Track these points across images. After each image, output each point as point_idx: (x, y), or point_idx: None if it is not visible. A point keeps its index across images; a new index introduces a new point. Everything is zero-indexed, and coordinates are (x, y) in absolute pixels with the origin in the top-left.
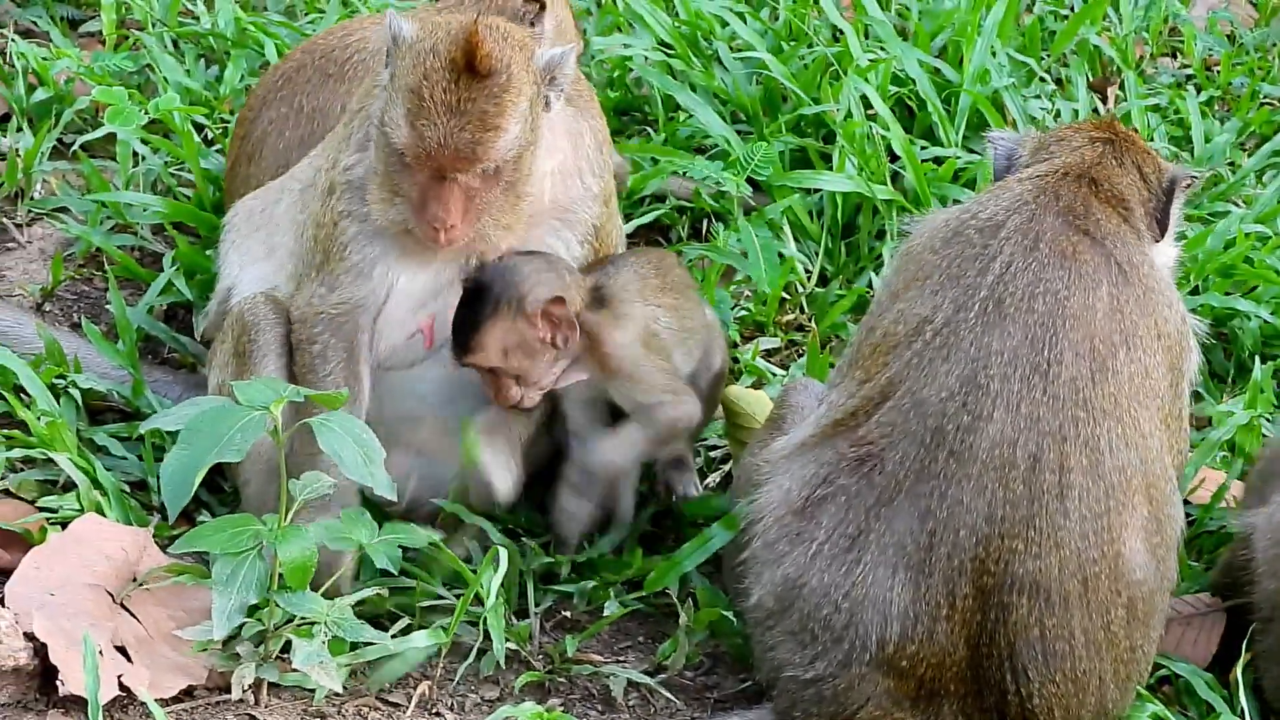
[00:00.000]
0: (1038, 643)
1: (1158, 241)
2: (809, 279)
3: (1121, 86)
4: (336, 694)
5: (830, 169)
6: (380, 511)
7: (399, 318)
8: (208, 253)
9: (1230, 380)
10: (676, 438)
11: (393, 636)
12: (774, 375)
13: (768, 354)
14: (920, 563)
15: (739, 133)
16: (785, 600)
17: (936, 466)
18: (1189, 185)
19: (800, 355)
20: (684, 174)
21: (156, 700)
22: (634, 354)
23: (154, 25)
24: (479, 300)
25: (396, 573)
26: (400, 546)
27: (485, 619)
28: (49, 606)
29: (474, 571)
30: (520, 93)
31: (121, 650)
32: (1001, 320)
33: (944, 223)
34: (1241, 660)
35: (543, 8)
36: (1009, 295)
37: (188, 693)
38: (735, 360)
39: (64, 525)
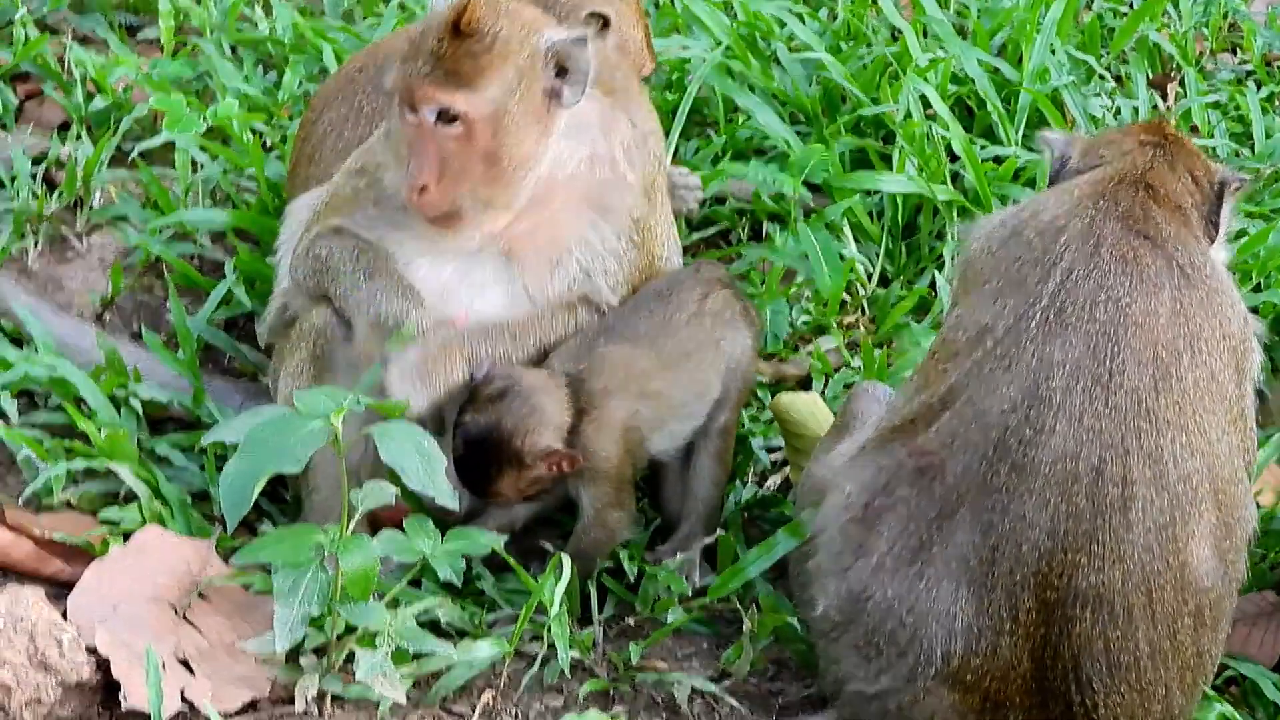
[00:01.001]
0: (1102, 655)
1: (1211, 243)
2: (870, 280)
3: (1181, 83)
4: (400, 704)
5: (890, 169)
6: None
7: (430, 296)
8: (268, 260)
9: None
10: (599, 546)
11: (456, 646)
12: (835, 375)
13: (830, 354)
14: (983, 577)
15: (798, 134)
16: (850, 613)
17: (999, 480)
18: (1238, 187)
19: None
20: (742, 177)
21: (220, 713)
22: (609, 458)
23: (212, 31)
24: (480, 452)
25: (460, 584)
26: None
27: (549, 627)
28: (111, 620)
29: (536, 579)
30: (503, 59)
31: (184, 663)
32: (1063, 330)
33: (1000, 223)
34: None
35: (605, 24)
36: (1070, 304)
37: (251, 705)
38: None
39: (126, 537)
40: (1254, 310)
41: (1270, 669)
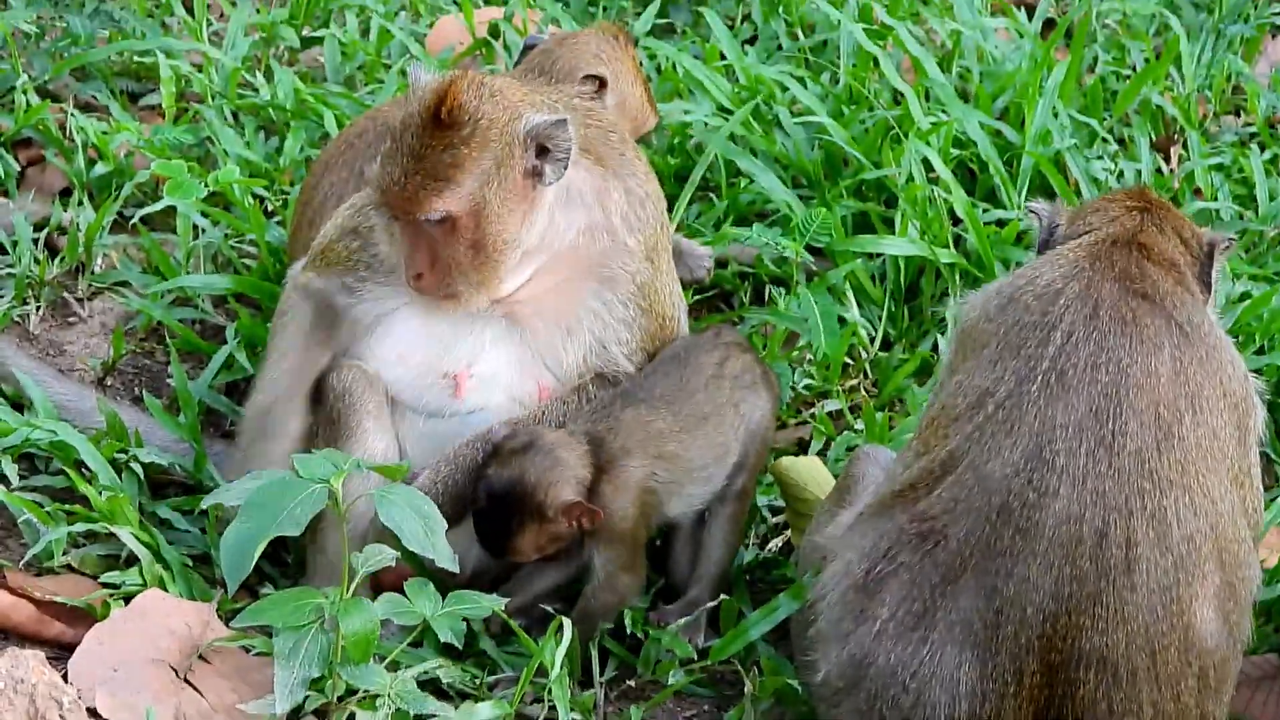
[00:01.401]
0: (1106, 718)
1: (1206, 303)
2: (872, 343)
3: (1185, 145)
4: None
5: (892, 232)
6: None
7: (420, 358)
8: (269, 325)
9: None
10: (608, 610)
11: (457, 709)
12: (837, 439)
13: (832, 416)
14: (987, 641)
15: (801, 197)
16: (852, 679)
17: (1003, 544)
18: (1226, 248)
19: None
20: (744, 241)
21: None
22: (625, 519)
23: (213, 98)
24: (503, 506)
25: (461, 646)
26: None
27: (550, 689)
28: (112, 682)
29: (537, 642)
30: (484, 149)
31: None
32: (1065, 392)
33: (997, 291)
34: None
35: (602, 85)
36: (1071, 366)
37: None
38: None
39: (127, 600)
40: (1257, 373)
41: None
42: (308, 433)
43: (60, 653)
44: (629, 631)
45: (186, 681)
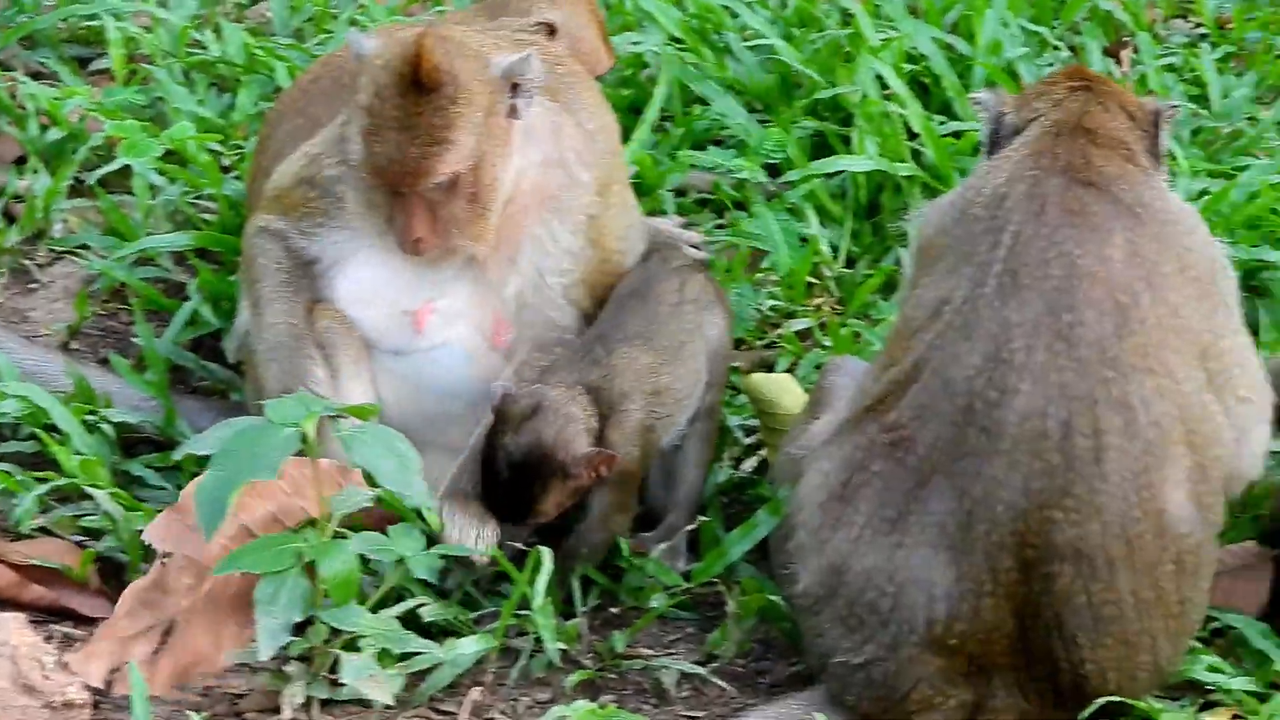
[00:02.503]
0: (1085, 610)
1: (1156, 172)
2: (836, 261)
3: (1135, 49)
4: (389, 707)
5: (850, 151)
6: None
7: (380, 297)
8: (231, 278)
9: (1265, 332)
10: (599, 549)
11: (441, 645)
12: (806, 356)
13: (800, 335)
14: (961, 541)
15: (757, 121)
16: (831, 586)
17: (969, 445)
18: (1171, 115)
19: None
20: (701, 167)
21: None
22: (631, 461)
23: (163, 58)
24: (524, 476)
25: (439, 583)
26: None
27: (533, 621)
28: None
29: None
30: (471, 103)
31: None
32: (1019, 291)
33: (949, 204)
34: None
35: (553, 32)
36: (1023, 265)
37: (238, 715)
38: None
39: (102, 560)
40: None
41: (1256, 618)
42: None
43: (40, 615)
44: (618, 561)
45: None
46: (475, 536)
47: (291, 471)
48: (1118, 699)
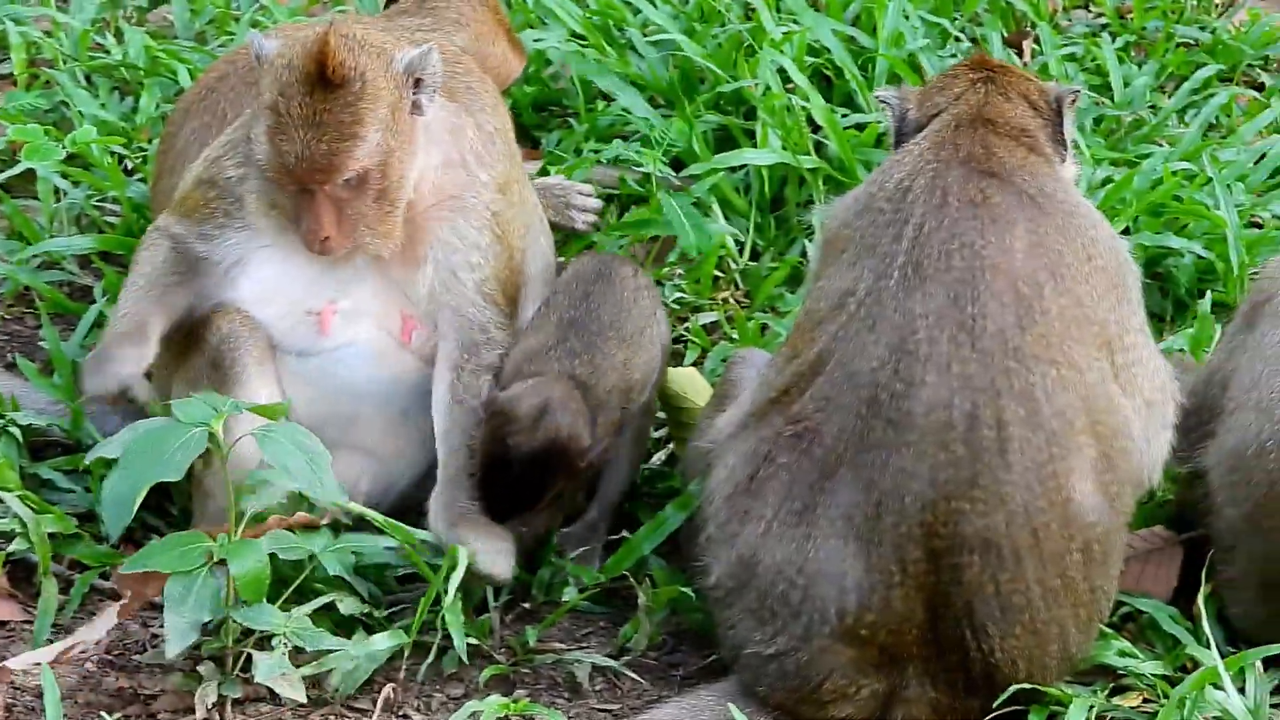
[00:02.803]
0: (993, 599)
1: (1063, 162)
2: (741, 254)
3: (1037, 40)
4: (301, 704)
5: (754, 144)
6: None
7: (283, 298)
8: None
9: (1169, 319)
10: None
11: (353, 641)
12: (713, 349)
13: (707, 328)
14: (869, 532)
15: (662, 116)
16: (742, 579)
17: (875, 436)
18: (1074, 100)
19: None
20: (602, 160)
21: None
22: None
23: (65, 62)
24: (536, 473)
25: (350, 579)
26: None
27: (444, 617)
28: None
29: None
30: (378, 99)
31: None
32: (922, 283)
33: (854, 198)
34: (1203, 591)
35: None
36: (926, 257)
37: (151, 716)
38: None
39: (11, 563)
40: None
41: (1166, 603)
42: (191, 378)
43: None
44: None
45: None
46: (506, 562)
47: None
48: (1029, 686)
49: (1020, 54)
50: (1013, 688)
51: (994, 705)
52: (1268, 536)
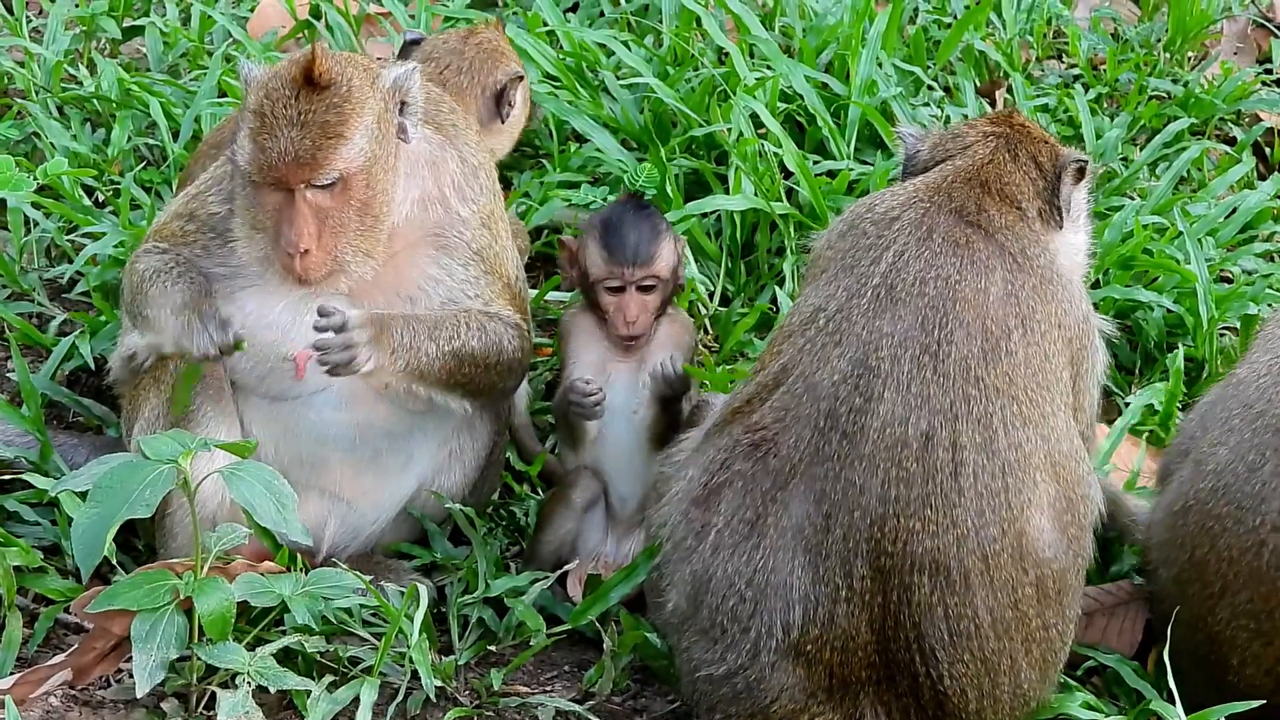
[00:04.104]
0: (942, 622)
1: (1060, 228)
2: (711, 299)
3: (1010, 90)
4: None
5: (725, 189)
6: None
7: (258, 342)
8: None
9: (1138, 371)
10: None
11: (317, 681)
12: None
13: None
14: (818, 545)
15: (636, 160)
16: (695, 598)
17: (830, 449)
18: (1081, 167)
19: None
20: (570, 203)
21: None
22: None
23: (37, 93)
24: (647, 220)
25: (317, 627)
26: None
27: (409, 657)
28: None
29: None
30: (363, 105)
31: None
32: (893, 304)
33: (841, 221)
34: (1165, 649)
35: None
36: (901, 281)
37: None
38: None
39: None
40: (1095, 307)
41: (1129, 657)
42: (150, 417)
43: None
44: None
45: None
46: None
47: None
48: None
49: (993, 104)
50: None
51: None
52: (1190, 603)
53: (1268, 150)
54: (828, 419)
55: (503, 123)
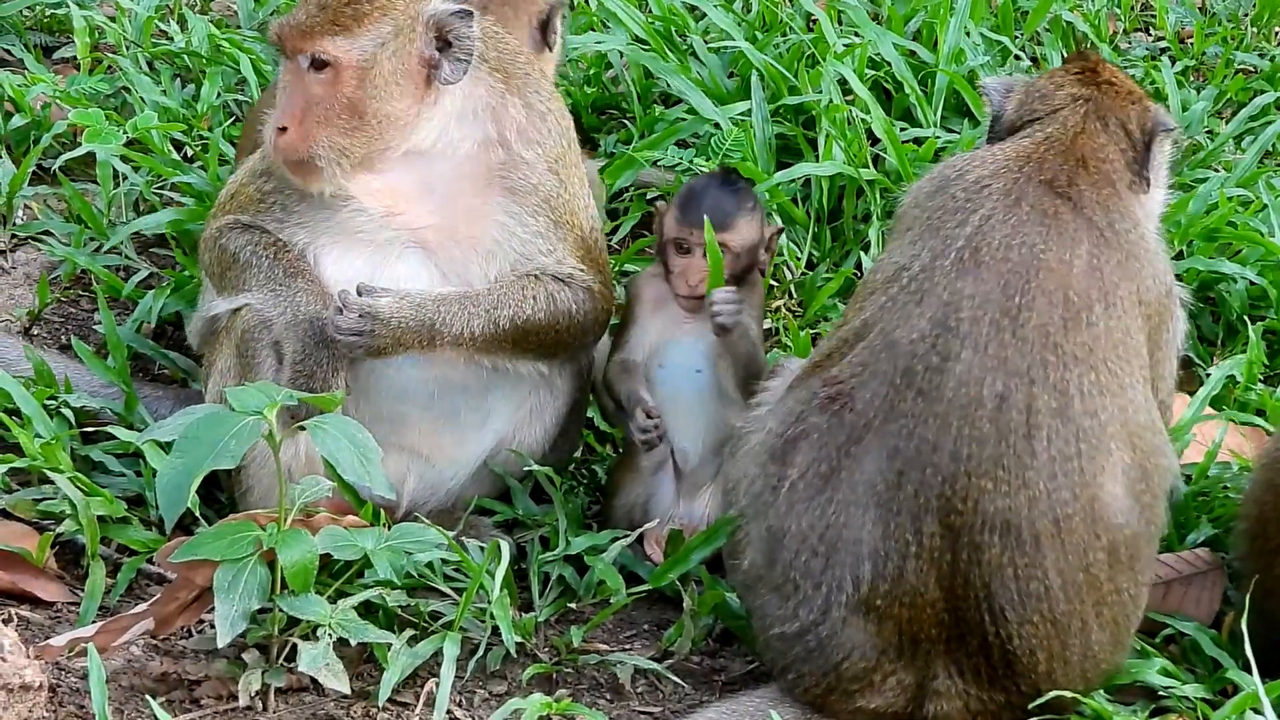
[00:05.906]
0: (1012, 582)
1: (1147, 193)
2: (797, 264)
3: None
4: (345, 696)
5: (814, 155)
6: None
7: (346, 287)
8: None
9: (1220, 343)
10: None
11: (399, 635)
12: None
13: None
14: (889, 501)
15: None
16: (770, 554)
17: (905, 405)
18: (1169, 132)
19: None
20: (656, 164)
21: (165, 709)
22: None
23: (128, 47)
24: (732, 192)
25: (399, 582)
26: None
27: (490, 613)
28: None
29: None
30: (386, 14)
31: None
32: (976, 267)
33: (930, 181)
34: (1244, 616)
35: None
36: (985, 245)
37: (195, 701)
38: None
39: (60, 544)
40: (1178, 278)
41: (1208, 625)
42: (222, 368)
43: None
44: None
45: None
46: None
47: None
48: (1070, 695)
49: None
50: (1053, 693)
51: (1030, 706)
52: (1254, 559)
53: None
54: (904, 376)
55: (550, 50)
